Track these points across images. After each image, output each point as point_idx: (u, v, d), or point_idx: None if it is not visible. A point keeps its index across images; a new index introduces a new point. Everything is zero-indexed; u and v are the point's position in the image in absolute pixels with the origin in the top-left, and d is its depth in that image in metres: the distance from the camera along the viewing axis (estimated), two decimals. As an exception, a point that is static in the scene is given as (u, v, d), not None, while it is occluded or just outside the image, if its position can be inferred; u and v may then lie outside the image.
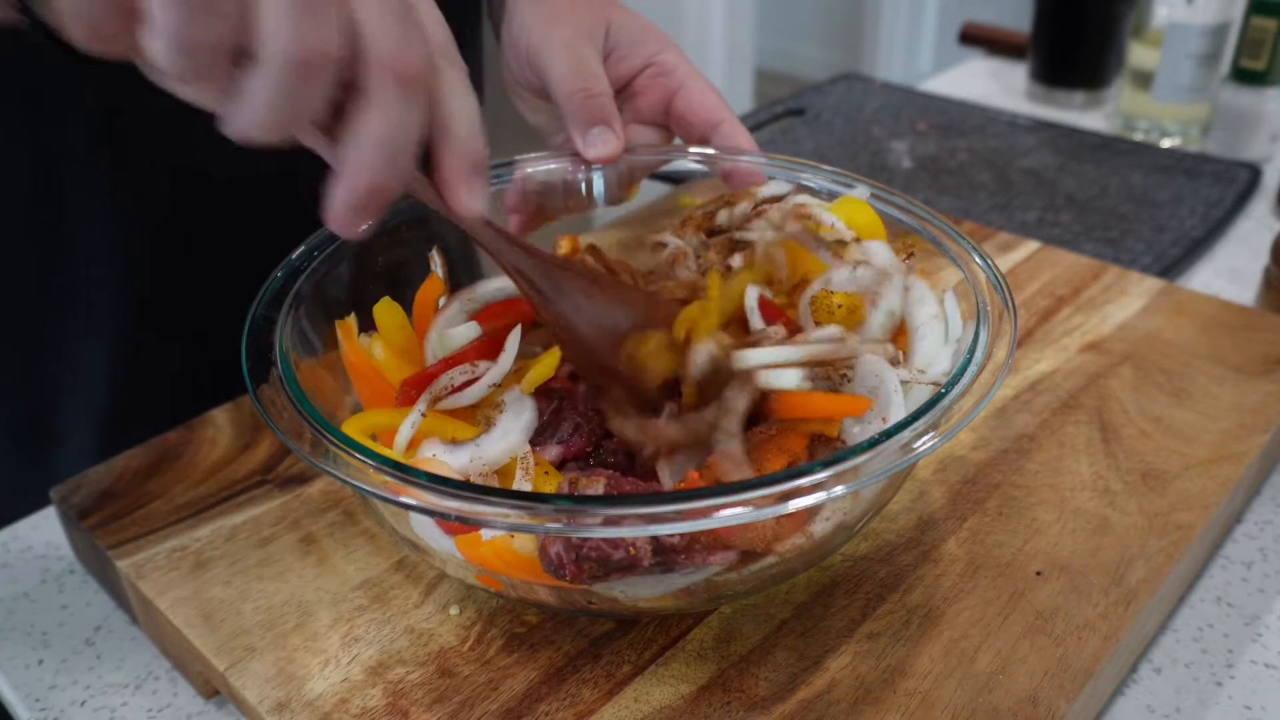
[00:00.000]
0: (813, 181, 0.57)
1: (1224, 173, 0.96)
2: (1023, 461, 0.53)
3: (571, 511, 0.36)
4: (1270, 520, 0.56)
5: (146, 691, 0.48)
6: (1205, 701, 0.46)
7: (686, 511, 0.35)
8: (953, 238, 0.50)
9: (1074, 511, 0.50)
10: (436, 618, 0.46)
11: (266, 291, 0.47)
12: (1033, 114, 1.12)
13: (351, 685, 0.43)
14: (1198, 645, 0.49)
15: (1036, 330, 0.64)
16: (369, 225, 0.39)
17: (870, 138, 1.07)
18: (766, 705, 0.41)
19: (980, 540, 0.49)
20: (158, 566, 0.49)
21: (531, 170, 0.58)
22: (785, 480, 0.36)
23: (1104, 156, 1.01)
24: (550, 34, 0.57)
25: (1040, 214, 0.91)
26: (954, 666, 0.43)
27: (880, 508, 0.46)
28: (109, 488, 0.53)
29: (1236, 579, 0.52)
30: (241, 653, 0.44)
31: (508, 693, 0.42)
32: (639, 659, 0.44)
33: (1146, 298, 0.66)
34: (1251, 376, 0.59)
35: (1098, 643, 0.43)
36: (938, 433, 0.38)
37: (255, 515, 0.52)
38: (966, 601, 0.46)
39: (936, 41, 3.44)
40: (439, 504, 0.36)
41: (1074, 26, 1.11)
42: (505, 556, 0.41)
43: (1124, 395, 0.58)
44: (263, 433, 0.56)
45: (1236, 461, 0.53)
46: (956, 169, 1.00)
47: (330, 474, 0.38)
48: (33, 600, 0.53)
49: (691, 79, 0.58)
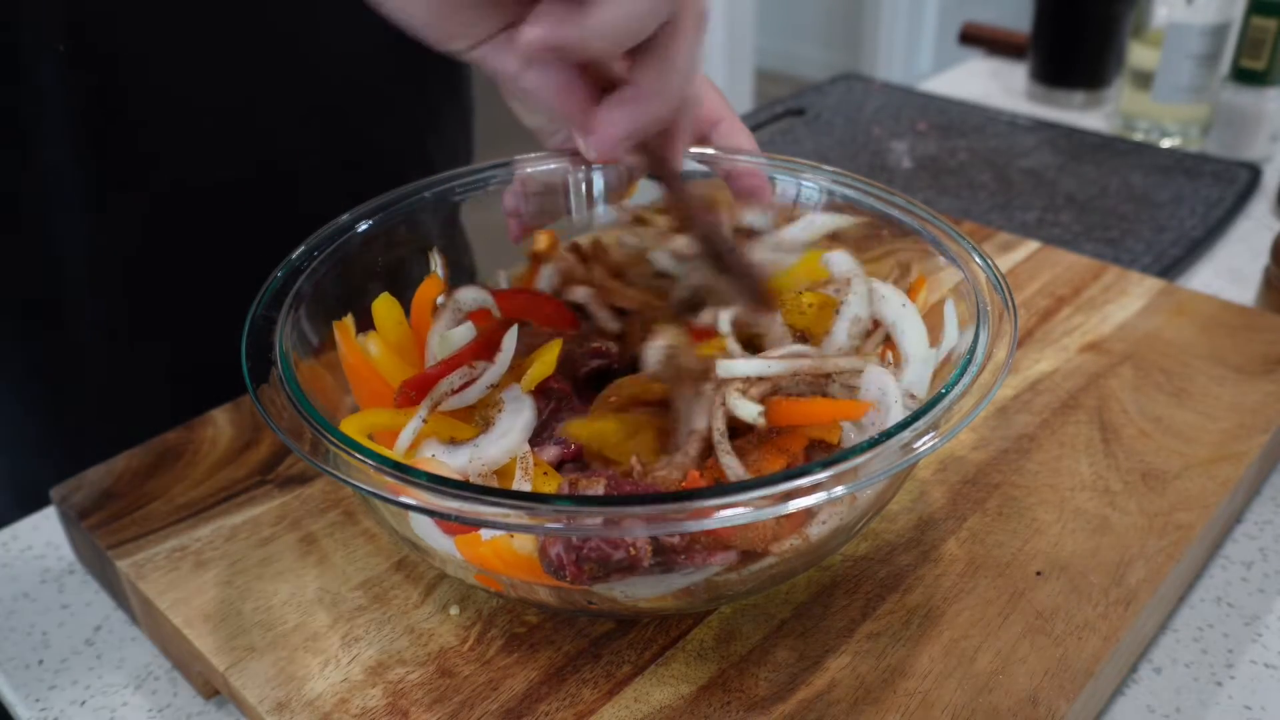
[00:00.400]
0: (812, 182, 0.57)
1: (1224, 173, 0.96)
2: (1023, 461, 0.53)
3: (571, 512, 0.36)
4: (1270, 520, 0.56)
5: (146, 691, 0.48)
6: (1205, 701, 0.46)
7: (686, 512, 0.35)
8: (953, 238, 0.50)
9: (1074, 511, 0.50)
10: (436, 618, 0.46)
11: (266, 291, 0.47)
12: (1033, 114, 1.12)
13: (351, 685, 0.43)
14: (1198, 645, 0.49)
15: (1036, 330, 0.64)
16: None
17: (870, 138, 1.07)
18: (766, 705, 0.41)
19: (980, 540, 0.49)
20: (158, 566, 0.49)
21: (532, 170, 0.58)
22: (785, 480, 0.36)
23: (1104, 156, 1.01)
24: None
25: (1040, 214, 0.91)
26: (954, 666, 0.43)
27: (880, 508, 0.46)
28: (109, 488, 0.53)
29: (1236, 579, 0.52)
30: (241, 653, 0.44)
31: (508, 693, 0.42)
32: (639, 659, 0.44)
33: (1146, 298, 0.66)
34: (1251, 376, 0.59)
35: (1098, 643, 0.43)
36: (938, 433, 0.38)
37: (255, 515, 0.52)
38: (966, 601, 0.46)
39: (936, 41, 3.44)
40: (439, 504, 0.36)
41: (1074, 26, 1.11)
42: (504, 556, 0.41)
43: (1124, 395, 0.58)
44: (263, 433, 0.56)
45: (1236, 461, 0.53)
46: (956, 169, 1.00)
47: (330, 474, 0.38)
48: (33, 600, 0.53)
49: None
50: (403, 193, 0.54)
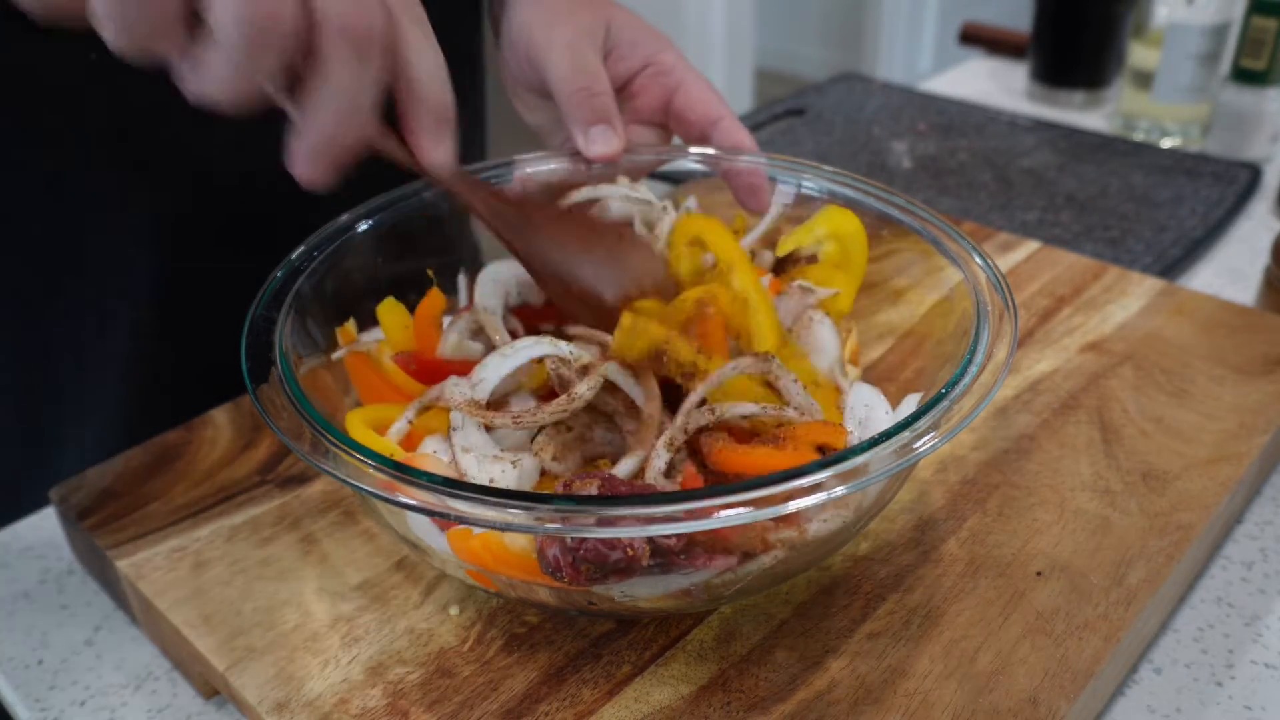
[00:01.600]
0: (812, 183, 0.57)
1: (1224, 173, 0.96)
2: (1023, 462, 0.53)
3: (570, 512, 0.36)
4: (1271, 520, 0.56)
5: (146, 691, 0.48)
6: (1206, 702, 0.46)
7: (685, 512, 0.35)
8: (953, 238, 0.50)
9: (1074, 512, 0.50)
10: (436, 618, 0.46)
11: (266, 291, 0.47)
12: (1033, 114, 1.12)
13: (351, 685, 0.43)
14: (1198, 645, 0.49)
15: (1037, 330, 0.64)
16: (336, 175, 0.41)
17: (870, 138, 1.07)
18: (766, 705, 0.41)
19: (980, 540, 0.49)
20: (157, 567, 0.49)
21: (532, 170, 0.58)
22: (785, 480, 0.36)
23: (1104, 156, 1.01)
24: (551, 34, 0.57)
25: (1040, 214, 0.91)
26: (954, 667, 0.43)
27: (881, 508, 0.46)
28: (109, 488, 0.53)
29: (1237, 579, 0.52)
30: (241, 653, 0.44)
31: (507, 693, 0.42)
32: (639, 659, 0.44)
33: (1147, 298, 0.66)
34: (1252, 377, 0.59)
35: (1098, 643, 0.43)
36: (938, 433, 0.38)
37: (255, 515, 0.52)
38: (967, 602, 0.46)
39: (936, 41, 3.44)
40: (437, 504, 0.36)
41: (1074, 26, 1.11)
42: (495, 551, 0.41)
43: (1124, 395, 0.58)
44: (263, 433, 0.56)
45: (1237, 462, 0.53)
46: (956, 169, 1.00)
47: (330, 474, 0.38)
48: (32, 600, 0.53)
49: (690, 77, 0.58)
50: (403, 193, 0.54)
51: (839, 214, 0.55)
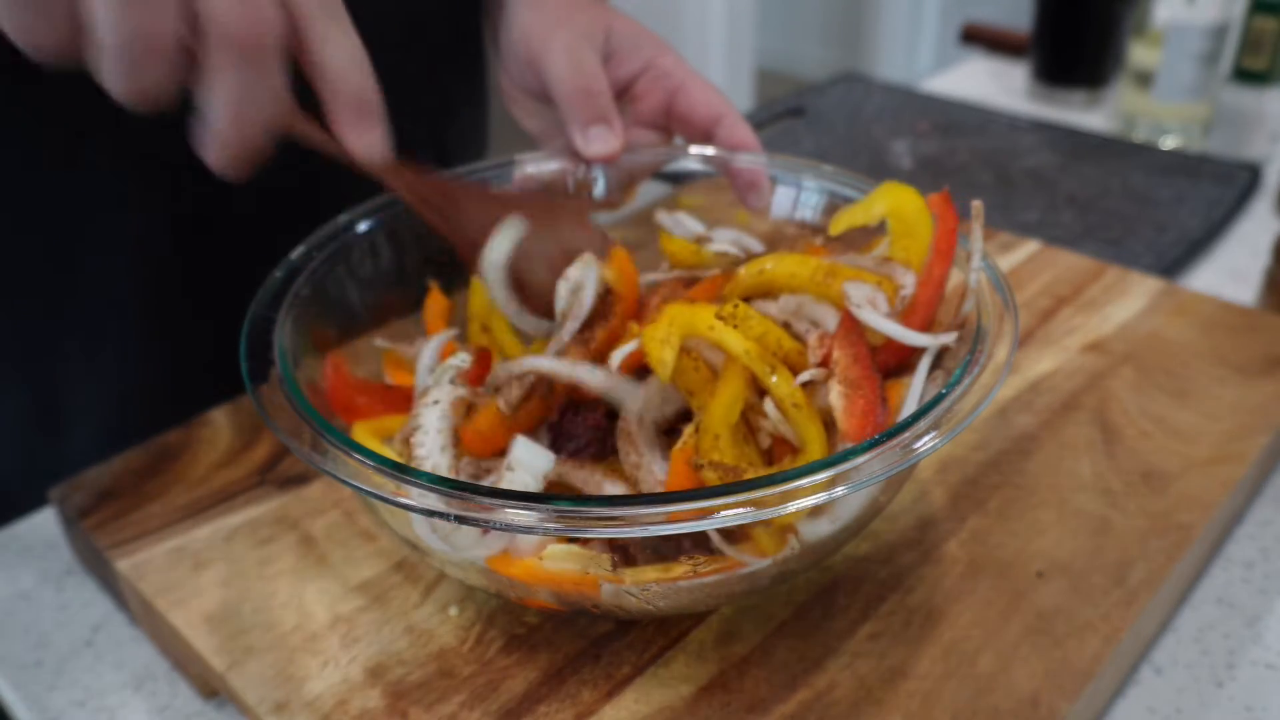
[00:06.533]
0: (811, 183, 0.57)
1: (1224, 173, 0.96)
2: (1023, 462, 0.53)
3: (570, 512, 0.36)
4: (1271, 520, 0.56)
5: (146, 692, 0.48)
6: (1206, 702, 0.46)
7: (685, 512, 0.35)
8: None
9: (1075, 512, 0.50)
10: (436, 618, 0.46)
11: (266, 291, 0.47)
12: (1033, 114, 1.12)
13: (351, 686, 0.43)
14: (1198, 646, 0.49)
15: (1037, 330, 0.64)
16: (250, 168, 0.42)
17: (870, 138, 1.07)
18: (766, 705, 0.41)
19: (981, 541, 0.49)
20: (157, 567, 0.49)
21: (532, 170, 0.58)
22: (785, 480, 0.36)
23: (1104, 156, 1.01)
24: (550, 37, 0.57)
25: (1041, 214, 0.91)
26: (955, 667, 0.43)
27: (881, 508, 0.46)
28: (108, 488, 0.53)
29: (1237, 579, 0.52)
30: (241, 653, 0.44)
31: (507, 693, 0.42)
32: (639, 659, 0.44)
33: (1147, 298, 0.66)
34: (1252, 377, 0.59)
35: (1098, 643, 0.43)
36: (938, 433, 0.38)
37: (254, 515, 0.52)
38: (967, 602, 0.46)
39: (937, 41, 3.44)
40: (438, 505, 0.36)
41: (1074, 26, 1.11)
42: (538, 574, 0.41)
43: (1125, 396, 0.58)
44: (262, 433, 0.56)
45: (1238, 462, 0.53)
46: (956, 169, 1.00)
47: (330, 474, 0.38)
48: (31, 600, 0.53)
49: (691, 79, 0.58)
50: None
51: (898, 191, 0.50)
